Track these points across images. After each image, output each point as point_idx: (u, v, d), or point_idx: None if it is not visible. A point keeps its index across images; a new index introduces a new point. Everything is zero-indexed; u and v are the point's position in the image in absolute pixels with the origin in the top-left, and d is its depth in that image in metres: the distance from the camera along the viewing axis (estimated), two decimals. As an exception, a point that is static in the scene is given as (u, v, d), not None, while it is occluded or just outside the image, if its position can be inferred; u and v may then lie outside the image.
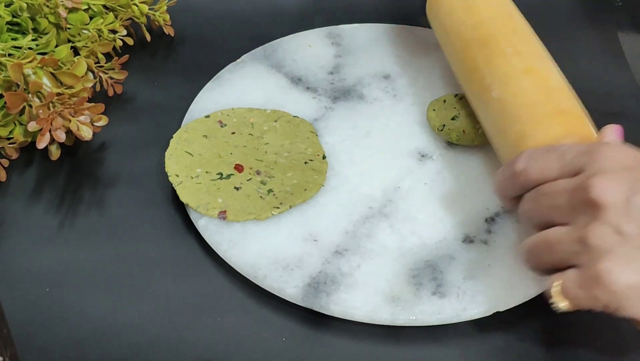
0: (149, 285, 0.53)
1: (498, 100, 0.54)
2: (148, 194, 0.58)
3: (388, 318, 0.51)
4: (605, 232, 0.42)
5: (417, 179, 0.59)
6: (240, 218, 0.55)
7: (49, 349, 0.50)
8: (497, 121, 0.54)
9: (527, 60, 0.55)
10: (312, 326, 0.52)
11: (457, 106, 0.61)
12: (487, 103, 0.55)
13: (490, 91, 0.55)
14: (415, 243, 0.55)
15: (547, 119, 0.52)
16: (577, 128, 0.52)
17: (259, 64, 0.67)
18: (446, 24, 0.61)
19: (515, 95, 0.54)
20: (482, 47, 0.57)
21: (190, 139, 0.60)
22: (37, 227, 0.57)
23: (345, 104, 0.64)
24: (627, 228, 0.42)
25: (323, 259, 0.54)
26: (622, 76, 0.68)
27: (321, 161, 0.59)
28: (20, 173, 0.60)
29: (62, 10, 0.63)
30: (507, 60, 0.55)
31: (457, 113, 0.60)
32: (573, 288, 0.43)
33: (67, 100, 0.56)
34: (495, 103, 0.54)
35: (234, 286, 0.54)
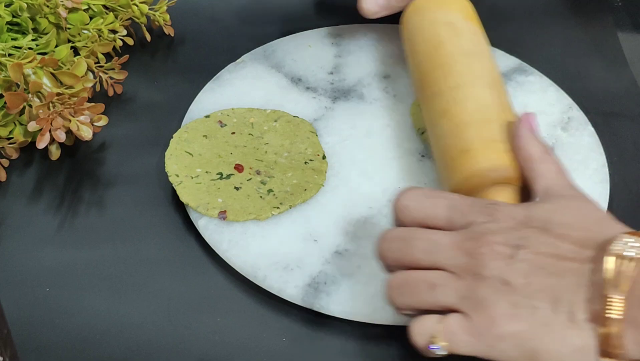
0: (149, 285, 0.53)
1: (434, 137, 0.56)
2: (148, 194, 0.58)
3: (388, 318, 0.51)
4: (492, 284, 0.43)
5: (417, 179, 0.59)
6: (240, 218, 0.55)
7: (49, 349, 0.50)
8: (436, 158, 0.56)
9: (445, 98, 0.55)
10: (312, 327, 0.52)
11: None
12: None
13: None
14: (416, 243, 0.55)
15: (457, 159, 0.52)
16: (481, 164, 0.51)
17: (259, 64, 0.67)
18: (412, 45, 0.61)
19: (438, 137, 0.55)
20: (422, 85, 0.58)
21: (190, 139, 0.60)
22: (37, 227, 0.56)
23: (345, 104, 0.64)
24: (513, 280, 0.43)
25: (323, 260, 0.54)
26: (622, 76, 0.68)
27: (321, 161, 0.59)
28: (20, 173, 0.60)
29: (62, 10, 0.63)
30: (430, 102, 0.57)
31: None
32: (459, 333, 0.43)
33: (67, 100, 0.56)
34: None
35: (234, 286, 0.53)
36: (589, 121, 0.63)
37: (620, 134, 0.63)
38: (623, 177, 0.60)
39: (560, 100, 0.64)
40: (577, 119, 0.63)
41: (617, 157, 0.61)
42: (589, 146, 0.61)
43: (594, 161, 0.60)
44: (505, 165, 0.51)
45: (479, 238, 0.44)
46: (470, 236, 0.45)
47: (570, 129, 0.62)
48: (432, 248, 0.45)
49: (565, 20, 0.74)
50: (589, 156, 0.60)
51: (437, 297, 0.44)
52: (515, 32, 0.72)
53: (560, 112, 0.63)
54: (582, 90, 0.59)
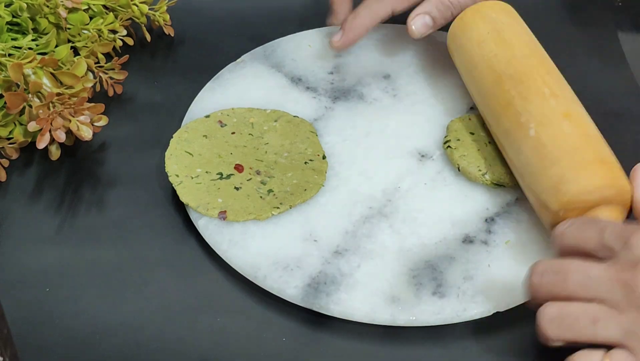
0: (149, 285, 0.53)
1: (536, 139, 0.54)
2: (148, 194, 0.58)
3: (388, 318, 0.51)
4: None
5: (417, 179, 0.59)
6: (240, 218, 0.55)
7: (49, 349, 0.50)
8: (532, 160, 0.54)
9: (565, 104, 0.55)
10: (312, 327, 0.52)
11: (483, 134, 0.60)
12: (521, 141, 0.55)
13: (527, 130, 0.54)
14: (415, 243, 0.55)
15: (589, 166, 0.52)
16: (616, 180, 0.52)
17: (259, 64, 0.67)
18: (474, 55, 0.60)
19: (555, 137, 0.53)
20: (516, 83, 0.57)
21: (190, 139, 0.60)
22: (37, 227, 0.57)
23: (345, 104, 0.64)
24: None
25: (323, 260, 0.54)
26: (622, 76, 0.68)
27: (321, 161, 0.59)
28: (20, 173, 0.60)
29: (62, 10, 0.63)
30: (545, 100, 0.55)
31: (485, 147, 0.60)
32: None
33: (67, 100, 0.56)
34: (532, 142, 0.54)
35: (233, 286, 0.54)
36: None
37: (620, 134, 0.63)
38: (623, 178, 0.60)
39: (560, 100, 0.64)
40: (577, 119, 0.63)
41: (617, 157, 0.61)
42: (589, 146, 0.61)
43: (594, 161, 0.60)
44: (607, 184, 0.51)
45: (636, 269, 0.43)
46: (625, 267, 0.44)
47: (570, 129, 0.62)
48: (588, 281, 0.44)
49: (565, 20, 0.74)
50: (589, 156, 0.60)
51: (599, 331, 0.44)
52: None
53: (560, 112, 0.63)
54: (582, 90, 0.59)
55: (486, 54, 0.59)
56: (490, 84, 0.58)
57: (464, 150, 0.59)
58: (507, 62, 0.58)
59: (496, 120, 0.58)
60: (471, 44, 0.61)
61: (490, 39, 0.60)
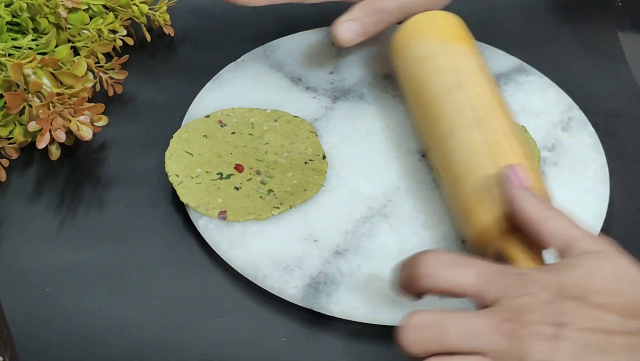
0: (149, 285, 0.53)
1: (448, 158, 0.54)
2: (148, 194, 0.58)
3: (388, 318, 0.51)
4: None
5: (417, 179, 0.59)
6: (240, 218, 0.55)
7: (49, 349, 0.50)
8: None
9: (440, 152, 0.55)
10: (312, 327, 0.52)
11: None
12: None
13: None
14: (416, 243, 0.55)
15: (465, 219, 0.52)
16: None
17: (259, 64, 0.67)
18: (410, 75, 0.60)
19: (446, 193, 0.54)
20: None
21: (190, 139, 0.60)
22: (37, 227, 0.56)
23: (345, 104, 0.64)
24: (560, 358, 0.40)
25: (323, 260, 0.54)
26: (622, 76, 0.68)
27: (321, 161, 0.59)
28: (20, 173, 0.60)
29: (62, 10, 0.63)
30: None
31: None
32: None
33: (67, 100, 0.56)
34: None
35: (233, 286, 0.53)
36: (589, 121, 0.62)
37: (620, 134, 0.63)
38: (623, 178, 0.60)
39: (560, 100, 0.64)
40: (577, 119, 0.63)
41: (617, 157, 0.61)
42: (589, 146, 0.61)
43: (594, 161, 0.60)
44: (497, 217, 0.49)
45: (517, 318, 0.41)
46: (507, 317, 0.41)
47: (570, 129, 0.62)
48: (468, 334, 0.41)
49: (565, 20, 0.74)
50: (589, 156, 0.60)
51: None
52: (515, 32, 0.72)
53: (560, 113, 0.63)
54: (582, 90, 0.59)
55: (421, 78, 0.58)
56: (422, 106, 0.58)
57: None
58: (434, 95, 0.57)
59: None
60: (408, 63, 0.60)
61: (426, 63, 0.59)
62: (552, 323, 0.41)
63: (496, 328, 0.41)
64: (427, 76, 0.58)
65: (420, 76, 0.58)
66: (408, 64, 0.60)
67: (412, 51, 0.60)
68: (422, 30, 0.60)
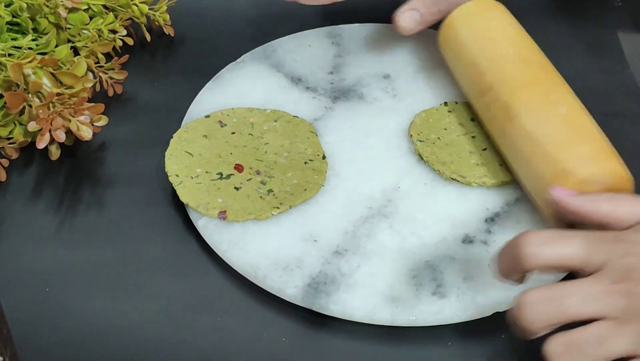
0: (149, 285, 0.54)
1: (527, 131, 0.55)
2: (148, 194, 0.58)
3: (388, 318, 0.51)
4: None
5: (416, 179, 0.59)
6: (240, 218, 0.55)
7: (49, 349, 0.51)
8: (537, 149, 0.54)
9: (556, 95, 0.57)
10: (312, 327, 0.52)
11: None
12: (515, 135, 0.56)
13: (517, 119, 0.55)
14: (415, 243, 0.55)
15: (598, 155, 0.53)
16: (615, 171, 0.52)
17: (259, 64, 0.67)
18: (464, 57, 0.61)
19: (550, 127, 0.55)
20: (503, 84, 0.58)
21: (190, 139, 0.60)
22: (36, 227, 0.57)
23: (345, 104, 0.64)
24: None
25: (323, 260, 0.54)
26: (622, 75, 0.68)
27: (321, 161, 0.59)
28: (20, 173, 0.60)
29: (62, 10, 0.63)
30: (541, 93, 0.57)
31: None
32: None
33: (67, 100, 0.56)
34: (525, 132, 0.55)
35: (233, 286, 0.54)
36: (588, 121, 0.62)
37: (619, 134, 0.63)
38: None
39: (560, 100, 0.64)
40: (577, 119, 0.63)
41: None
42: (589, 146, 0.61)
43: (594, 161, 0.60)
44: (617, 172, 0.52)
45: (629, 277, 0.43)
46: (619, 278, 0.43)
47: (570, 129, 0.62)
48: (587, 300, 0.43)
49: (565, 20, 0.74)
50: (589, 156, 0.60)
51: (610, 349, 0.43)
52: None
53: (560, 112, 0.63)
54: (581, 90, 0.59)
55: (476, 58, 0.60)
56: (479, 84, 0.59)
57: (440, 151, 0.60)
58: (498, 66, 0.58)
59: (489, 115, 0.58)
60: (462, 46, 0.61)
61: (480, 41, 0.60)
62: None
63: (612, 290, 0.43)
64: (503, 42, 0.60)
65: (495, 40, 0.60)
66: (478, 33, 0.61)
67: (483, 24, 0.61)
68: (490, 9, 0.62)
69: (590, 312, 0.43)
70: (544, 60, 0.59)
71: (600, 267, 0.44)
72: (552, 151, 0.53)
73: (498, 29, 0.61)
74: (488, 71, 0.59)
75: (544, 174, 0.53)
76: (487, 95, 0.58)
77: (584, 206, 0.49)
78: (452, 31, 0.63)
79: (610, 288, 0.43)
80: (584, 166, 0.52)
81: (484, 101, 0.58)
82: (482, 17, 0.62)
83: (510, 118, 0.55)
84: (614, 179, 0.52)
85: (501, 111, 0.56)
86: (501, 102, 0.56)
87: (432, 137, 0.60)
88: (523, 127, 0.55)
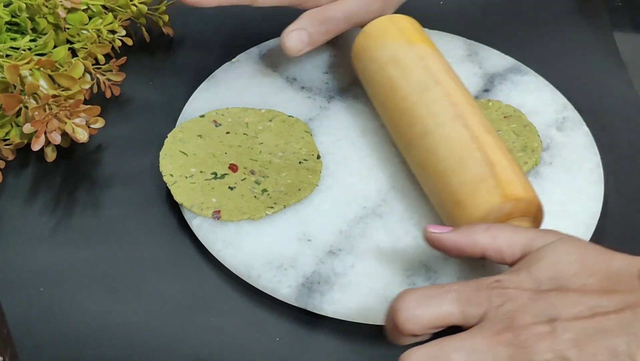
0: (143, 285, 0.54)
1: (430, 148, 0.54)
2: (143, 194, 0.59)
3: (381, 318, 0.51)
4: None
5: (411, 179, 0.59)
6: (234, 218, 0.55)
7: (45, 348, 0.51)
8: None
9: (418, 150, 0.56)
10: (305, 326, 0.52)
11: None
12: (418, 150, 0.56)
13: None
14: (409, 243, 0.55)
15: (453, 214, 0.52)
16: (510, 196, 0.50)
17: (254, 64, 0.67)
18: (375, 79, 0.60)
19: (428, 191, 0.55)
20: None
21: (185, 138, 0.60)
22: (33, 228, 0.57)
23: (340, 104, 0.64)
24: (569, 353, 0.40)
25: (317, 259, 0.54)
26: (617, 75, 0.68)
27: (315, 160, 0.59)
28: (16, 175, 0.60)
29: (61, 10, 0.63)
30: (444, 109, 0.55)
31: None
32: None
33: (63, 102, 0.56)
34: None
35: (227, 286, 0.54)
36: (583, 121, 0.62)
37: (615, 134, 0.63)
38: (617, 177, 0.60)
39: (555, 100, 0.64)
40: (572, 119, 0.63)
41: (611, 157, 0.61)
42: (584, 145, 0.61)
43: (589, 161, 0.60)
44: (497, 204, 0.50)
45: (511, 325, 0.41)
46: (501, 328, 0.41)
47: (565, 129, 0.62)
48: (472, 356, 0.41)
49: (561, 20, 0.74)
50: (584, 156, 0.60)
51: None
52: (511, 32, 0.71)
53: (555, 112, 0.63)
54: (577, 90, 0.59)
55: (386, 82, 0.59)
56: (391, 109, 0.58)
57: None
58: (403, 97, 0.57)
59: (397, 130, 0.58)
60: (373, 66, 0.60)
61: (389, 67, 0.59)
62: (545, 320, 0.41)
63: (496, 341, 0.41)
64: (395, 78, 0.58)
65: (388, 78, 0.58)
66: (373, 67, 0.60)
67: (376, 54, 0.60)
68: (384, 34, 0.60)
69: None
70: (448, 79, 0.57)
71: (481, 318, 0.42)
72: (449, 181, 0.52)
73: (407, 59, 0.58)
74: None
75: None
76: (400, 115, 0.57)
77: (459, 242, 0.47)
78: (356, 60, 0.62)
79: (493, 341, 0.41)
80: (479, 196, 0.51)
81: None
82: (373, 50, 0.60)
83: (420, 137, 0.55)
84: (515, 206, 0.50)
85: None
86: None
87: None
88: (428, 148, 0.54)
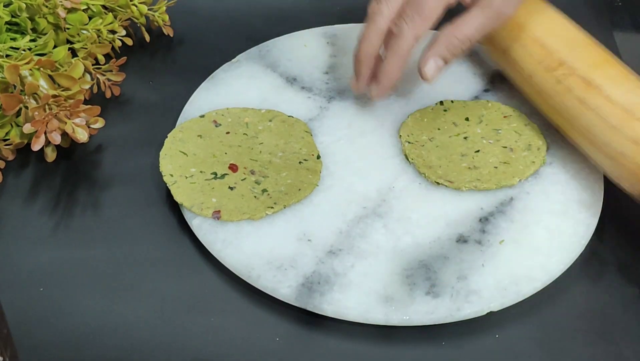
0: (143, 285, 0.54)
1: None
2: (143, 194, 0.59)
3: (381, 318, 0.51)
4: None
5: (411, 179, 0.59)
6: (234, 218, 0.55)
7: (44, 348, 0.51)
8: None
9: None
10: (305, 326, 0.52)
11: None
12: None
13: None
14: (409, 243, 0.55)
15: None
16: None
17: (254, 64, 0.67)
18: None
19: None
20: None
21: (185, 138, 0.60)
22: (33, 228, 0.57)
23: (340, 104, 0.64)
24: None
25: (317, 259, 0.54)
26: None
27: (315, 160, 0.59)
28: (16, 174, 0.60)
29: (61, 10, 0.63)
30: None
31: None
32: None
33: (63, 102, 0.56)
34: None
35: (227, 286, 0.54)
36: (584, 120, 0.62)
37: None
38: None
39: (556, 99, 0.64)
40: (573, 118, 0.62)
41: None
42: (585, 145, 0.61)
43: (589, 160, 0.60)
44: None
45: None
46: None
47: (565, 128, 0.62)
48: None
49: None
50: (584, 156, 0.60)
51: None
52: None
53: (556, 111, 0.63)
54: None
55: (542, 37, 0.61)
56: (546, 60, 0.60)
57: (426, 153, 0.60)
58: (570, 46, 0.60)
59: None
60: (520, 27, 0.62)
61: (547, 22, 0.62)
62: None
63: None
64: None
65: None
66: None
67: (543, 9, 0.62)
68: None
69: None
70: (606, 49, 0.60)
71: None
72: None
73: (559, 15, 0.62)
74: (559, 49, 0.59)
75: (638, 138, 0.54)
76: (557, 70, 0.58)
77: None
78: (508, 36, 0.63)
79: None
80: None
81: (554, 75, 0.58)
82: (541, 5, 0.62)
83: (592, 89, 0.56)
84: None
85: (578, 83, 0.57)
86: (577, 76, 0.57)
87: (422, 138, 0.60)
88: (609, 98, 0.56)
